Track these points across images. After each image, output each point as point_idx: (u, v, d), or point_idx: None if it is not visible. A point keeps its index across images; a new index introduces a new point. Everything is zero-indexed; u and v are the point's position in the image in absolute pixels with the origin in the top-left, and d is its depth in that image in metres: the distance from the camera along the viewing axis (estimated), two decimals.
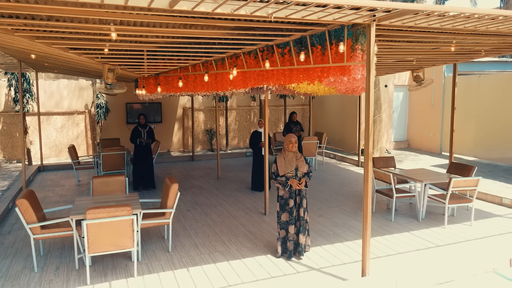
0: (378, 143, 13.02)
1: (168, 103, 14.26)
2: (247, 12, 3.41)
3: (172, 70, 5.79)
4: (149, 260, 5.12)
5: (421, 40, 5.79)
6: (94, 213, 4.21)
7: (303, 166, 5.13)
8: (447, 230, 6.19)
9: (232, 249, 5.49)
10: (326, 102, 15.48)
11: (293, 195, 5.12)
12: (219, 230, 6.24)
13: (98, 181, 5.91)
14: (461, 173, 7.31)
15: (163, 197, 5.56)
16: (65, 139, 13.15)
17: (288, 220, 5.14)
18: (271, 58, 4.87)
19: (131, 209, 4.36)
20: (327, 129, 15.47)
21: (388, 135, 14.55)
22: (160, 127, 14.19)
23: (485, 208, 7.41)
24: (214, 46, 4.96)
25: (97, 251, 4.41)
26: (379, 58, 6.98)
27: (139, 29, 4.17)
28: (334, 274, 4.69)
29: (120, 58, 5.44)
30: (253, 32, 4.50)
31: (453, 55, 7.25)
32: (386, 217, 6.86)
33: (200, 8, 3.37)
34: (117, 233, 4.40)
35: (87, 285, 4.45)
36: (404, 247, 5.53)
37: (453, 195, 6.68)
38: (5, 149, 12.65)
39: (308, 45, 4.50)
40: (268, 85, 4.96)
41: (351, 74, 4.42)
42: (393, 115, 14.61)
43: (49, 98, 12.86)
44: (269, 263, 5.03)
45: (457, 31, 4.66)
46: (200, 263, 5.03)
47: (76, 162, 9.40)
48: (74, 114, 13.20)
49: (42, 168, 11.21)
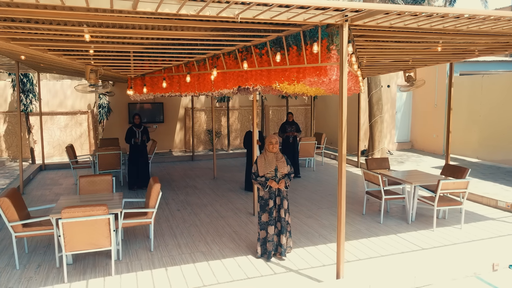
0: (380, 144, 12.88)
1: (170, 103, 14.37)
2: (211, 13, 3.42)
3: (157, 71, 5.83)
4: (130, 259, 5.17)
5: (408, 40, 5.71)
6: (69, 212, 4.27)
7: (284, 167, 5.11)
8: (435, 233, 6.09)
9: (214, 249, 5.50)
10: (329, 103, 15.39)
11: (273, 196, 5.11)
12: (205, 231, 6.26)
13: (85, 180, 6.00)
14: (455, 175, 7.18)
15: (147, 197, 5.60)
16: (69, 138, 13.37)
17: (268, 220, 5.13)
18: (250, 59, 4.87)
19: (107, 208, 4.41)
20: (329, 129, 15.38)
21: (391, 136, 14.38)
22: (162, 127, 14.31)
23: (479, 211, 7.27)
24: (195, 47, 4.99)
25: (74, 249, 4.48)
26: (369, 58, 6.91)
27: (117, 31, 4.21)
28: (311, 276, 4.67)
29: (105, 59, 5.51)
30: (230, 33, 4.51)
31: (446, 55, 7.13)
32: (375, 219, 6.78)
33: (164, 9, 3.39)
34: (94, 232, 4.46)
35: (65, 283, 4.52)
36: (388, 249, 5.46)
37: (443, 198, 6.57)
38: (10, 148, 12.94)
39: (284, 45, 4.48)
40: (249, 86, 4.95)
41: (327, 74, 4.39)
42: (396, 116, 14.43)
43: (53, 98, 13.09)
44: (248, 264, 5.02)
45: (436, 30, 4.57)
46: (179, 263, 5.05)
47: (74, 161, 9.55)
48: (77, 114, 13.41)
49: (44, 167, 11.42)
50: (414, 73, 7.78)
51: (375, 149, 12.89)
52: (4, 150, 12.86)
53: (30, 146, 12.28)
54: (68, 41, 4.38)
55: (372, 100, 12.76)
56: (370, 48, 6.02)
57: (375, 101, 12.73)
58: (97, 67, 5.17)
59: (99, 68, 5.17)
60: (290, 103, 15.92)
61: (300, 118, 16.23)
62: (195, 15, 3.45)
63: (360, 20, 3.95)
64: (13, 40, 4.12)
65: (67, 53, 4.71)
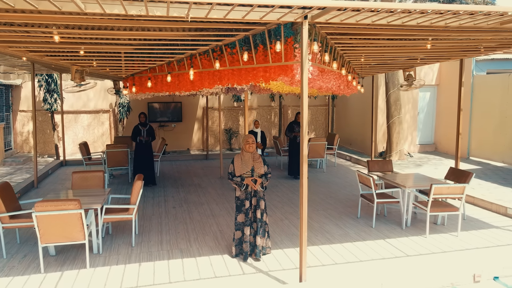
0: (397, 146, 12.43)
1: (189, 103, 14.63)
2: (155, 13, 3.45)
3: (144, 71, 5.98)
4: (110, 254, 5.33)
5: (395, 37, 5.46)
6: (42, 206, 4.48)
7: (260, 168, 5.06)
8: (427, 240, 5.79)
9: (193, 248, 5.55)
10: (349, 103, 15.03)
11: (249, 197, 5.07)
12: (191, 228, 6.34)
13: (78, 176, 6.25)
14: (458, 180, 6.81)
15: (131, 194, 5.75)
16: (91, 136, 13.98)
17: (244, 221, 5.10)
18: (223, 58, 4.87)
19: (78, 203, 4.57)
20: (349, 130, 15.03)
21: (412, 138, 13.81)
22: (180, 126, 14.61)
23: (485, 218, 6.82)
24: (172, 48, 5.06)
25: (49, 241, 4.69)
26: (362, 57, 6.67)
27: (86, 32, 4.37)
28: (278, 278, 4.59)
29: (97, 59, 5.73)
30: (201, 32, 4.54)
31: (446, 53, 6.75)
32: (369, 223, 6.55)
33: (113, 10, 3.47)
34: (67, 226, 4.64)
35: (41, 273, 4.74)
36: (370, 255, 5.26)
37: (440, 203, 6.24)
38: (38, 145, 13.70)
39: (251, 45, 4.44)
40: (223, 85, 4.95)
41: (294, 73, 4.31)
42: (418, 116, 13.85)
43: (77, 99, 13.73)
44: (220, 263, 5.02)
45: (410, 27, 4.35)
46: (155, 259, 5.15)
47: (87, 158, 9.97)
48: (99, 112, 13.99)
49: (64, 162, 12.01)
50: (414, 72, 7.42)
51: (392, 151, 12.45)
52: (31, 147, 13.66)
53: (55, 143, 12.95)
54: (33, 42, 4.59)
55: (390, 100, 12.33)
56: (359, 46, 5.83)
57: (392, 101, 12.30)
58: (83, 68, 5.38)
59: (85, 68, 5.38)
60: (309, 103, 15.72)
61: (319, 119, 15.99)
62: (143, 15, 3.51)
63: (320, 17, 3.84)
64: None
65: (49, 54, 4.95)
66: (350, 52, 5.97)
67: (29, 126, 13.58)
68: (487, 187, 8.82)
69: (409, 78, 7.28)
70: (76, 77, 5.32)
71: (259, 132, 8.66)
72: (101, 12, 3.42)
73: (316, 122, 16.04)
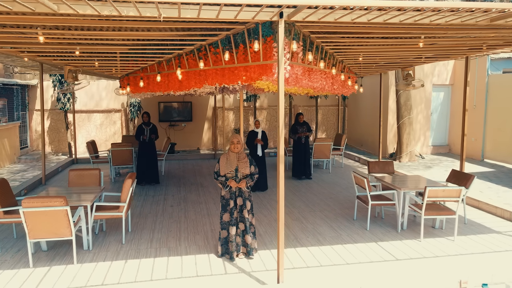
0: (408, 147, 12.16)
1: (199, 102, 14.75)
2: (128, 13, 3.49)
3: (137, 71, 6.06)
4: (99, 250, 5.43)
5: (390, 36, 5.33)
6: (29, 202, 4.61)
7: (245, 168, 5.04)
8: (421, 244, 5.63)
9: (182, 246, 5.59)
10: (360, 103, 14.79)
11: (233, 196, 5.07)
12: (184, 227, 6.38)
13: (74, 173, 6.40)
14: (459, 182, 6.59)
15: (121, 192, 5.84)
16: (104, 135, 14.29)
17: (229, 220, 5.10)
18: (208, 58, 4.88)
19: (64, 200, 4.68)
20: (360, 131, 14.79)
21: (425, 138, 13.46)
22: (190, 126, 14.74)
23: (487, 222, 6.58)
24: (159, 48, 5.11)
25: (37, 237, 4.81)
26: (360, 56, 6.54)
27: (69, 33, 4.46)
28: (260, 278, 4.56)
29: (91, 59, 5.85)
30: (186, 32, 4.56)
31: (447, 51, 6.54)
32: (364, 225, 6.43)
33: (86, 11, 3.53)
34: (54, 222, 4.75)
35: (30, 267, 4.88)
36: (358, 258, 5.16)
37: (436, 206, 6.06)
38: (53, 143, 14.13)
39: (232, 44, 4.43)
40: (210, 85, 4.95)
41: (273, 73, 4.27)
42: (431, 117, 13.48)
43: (90, 98, 14.06)
44: (205, 263, 5.03)
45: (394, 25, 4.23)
46: (141, 257, 5.21)
47: (94, 156, 10.19)
48: (111, 112, 14.29)
49: (76, 160, 12.32)
50: (413, 71, 7.21)
51: (403, 152, 12.19)
52: (47, 144, 14.08)
53: (68, 141, 13.30)
54: (18, 43, 4.72)
55: (400, 101, 12.07)
56: (352, 45, 5.72)
57: (403, 102, 12.03)
58: (77, 68, 5.51)
59: (78, 68, 5.51)
60: (320, 103, 15.57)
61: (331, 119, 15.80)
62: (117, 16, 3.55)
63: (296, 15, 3.80)
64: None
65: (44, 54, 5.09)
66: (342, 51, 5.86)
67: (45, 124, 13.98)
68: (496, 190, 8.50)
69: (408, 78, 7.07)
70: (69, 77, 5.45)
71: (260, 132, 8.62)
72: (74, 12, 3.48)
73: (328, 123, 15.87)
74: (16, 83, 12.48)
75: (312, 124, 15.62)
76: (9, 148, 12.00)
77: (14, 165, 12.02)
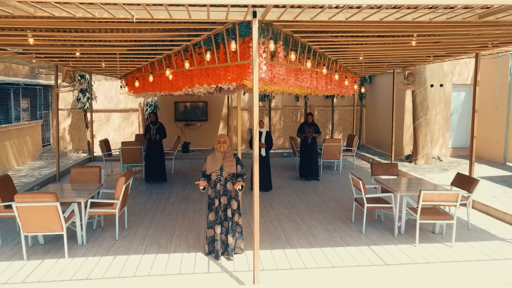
0: (424, 149, 11.77)
1: (214, 102, 14.88)
2: (97, 15, 3.58)
3: (134, 71, 6.20)
4: (92, 246, 5.59)
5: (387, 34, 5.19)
6: (21, 197, 4.81)
7: (230, 167, 5.05)
8: (416, 249, 5.45)
9: (172, 244, 5.66)
10: (378, 103, 14.45)
11: (218, 195, 5.09)
12: (179, 225, 6.46)
13: (76, 171, 6.62)
14: (463, 186, 6.34)
15: (115, 189, 5.98)
16: (122, 134, 14.68)
17: (214, 219, 5.13)
18: (193, 59, 4.92)
19: (54, 196, 4.85)
20: (378, 131, 14.45)
21: (444, 140, 12.99)
22: (205, 125, 14.89)
23: (493, 229, 6.27)
24: (151, 48, 5.21)
25: (30, 231, 5.02)
26: (361, 55, 6.39)
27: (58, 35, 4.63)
28: (240, 278, 4.55)
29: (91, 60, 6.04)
30: (170, 33, 4.62)
31: (454, 48, 6.28)
32: (360, 228, 6.28)
33: (62, 13, 3.65)
34: (45, 217, 4.94)
35: (23, 260, 5.09)
36: (345, 261, 5.05)
37: (434, 210, 5.83)
38: (74, 141, 14.67)
39: (213, 44, 4.45)
40: (198, 85, 4.99)
41: (250, 72, 4.25)
42: (450, 118, 12.99)
43: (109, 98, 14.49)
44: (190, 261, 5.08)
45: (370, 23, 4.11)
46: (130, 253, 5.32)
47: (106, 154, 10.50)
48: (129, 112, 14.66)
49: (93, 158, 12.74)
50: (414, 71, 6.94)
51: (418, 154, 11.81)
52: (68, 143, 14.63)
53: (87, 139, 13.76)
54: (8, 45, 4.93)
55: (416, 101, 11.70)
56: (346, 44, 5.61)
57: (419, 102, 11.66)
58: (75, 68, 5.70)
59: (76, 69, 5.70)
60: (336, 103, 15.35)
61: (348, 119, 15.53)
62: (92, 18, 3.65)
63: (267, 15, 3.77)
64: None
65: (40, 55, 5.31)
66: (336, 51, 5.76)
67: (66, 123, 14.55)
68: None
69: (409, 77, 6.83)
70: (67, 77, 5.66)
71: (264, 132, 8.59)
72: (50, 15, 3.61)
73: (344, 123, 15.61)
74: (38, 84, 13.04)
75: (328, 125, 15.42)
76: (31, 145, 12.55)
77: (35, 161, 12.57)
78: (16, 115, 11.94)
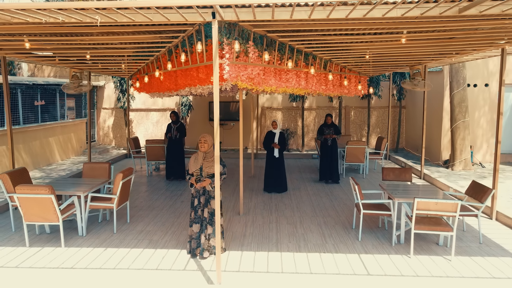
0: (462, 154, 10.92)
1: (248, 102, 14.98)
2: (63, 20, 3.79)
3: (136, 72, 6.46)
4: (90, 237, 5.93)
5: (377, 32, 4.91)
6: (21, 189, 5.24)
7: (209, 167, 5.07)
8: (409, 261, 5.09)
9: (164, 240, 5.82)
10: (417, 104, 13.63)
11: (198, 195, 5.15)
12: (178, 222, 6.62)
13: (87, 166, 7.06)
14: (476, 195, 5.81)
15: (113, 184, 6.27)
16: (160, 132, 15.33)
17: (194, 218, 5.19)
18: (174, 60, 5.02)
19: (49, 189, 5.21)
20: (418, 134, 13.64)
21: (489, 145, 11.92)
22: (238, 125, 15.03)
23: (509, 244, 5.66)
24: (142, 51, 5.41)
25: (31, 220, 5.45)
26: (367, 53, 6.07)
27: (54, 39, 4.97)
28: (211, 278, 4.57)
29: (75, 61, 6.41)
30: (149, 35, 4.77)
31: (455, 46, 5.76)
32: (358, 235, 6.00)
33: (35, 20, 3.93)
34: (43, 208, 5.33)
35: (26, 247, 5.54)
36: (327, 269, 4.86)
37: (433, 220, 5.40)
38: (116, 138, 15.58)
39: (187, 46, 4.52)
40: (182, 87, 5.09)
41: (222, 73, 4.26)
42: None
43: (148, 97, 15.19)
44: (172, 257, 5.19)
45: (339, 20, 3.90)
46: (120, 246, 5.56)
47: (135, 151, 11.04)
48: (166, 110, 15.26)
49: (129, 155, 13.44)
50: (422, 69, 6.42)
51: (456, 160, 10.98)
52: (111, 139, 15.58)
53: (127, 137, 14.55)
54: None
55: (453, 102, 10.88)
56: (342, 43, 5.38)
57: (456, 103, 10.83)
58: (81, 70, 6.09)
59: (82, 71, 6.08)
60: (374, 103, 14.73)
61: (386, 121, 14.83)
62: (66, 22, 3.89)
63: (226, 15, 3.75)
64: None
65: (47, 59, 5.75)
66: (328, 50, 5.55)
67: (110, 121, 15.50)
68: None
69: (416, 77, 6.35)
70: (74, 78, 6.06)
71: (277, 133, 8.50)
72: (25, 21, 3.90)
73: (383, 125, 14.94)
74: None
75: (364, 126, 14.85)
76: (75, 142, 13.56)
77: (78, 157, 13.55)
78: (62, 113, 12.96)
